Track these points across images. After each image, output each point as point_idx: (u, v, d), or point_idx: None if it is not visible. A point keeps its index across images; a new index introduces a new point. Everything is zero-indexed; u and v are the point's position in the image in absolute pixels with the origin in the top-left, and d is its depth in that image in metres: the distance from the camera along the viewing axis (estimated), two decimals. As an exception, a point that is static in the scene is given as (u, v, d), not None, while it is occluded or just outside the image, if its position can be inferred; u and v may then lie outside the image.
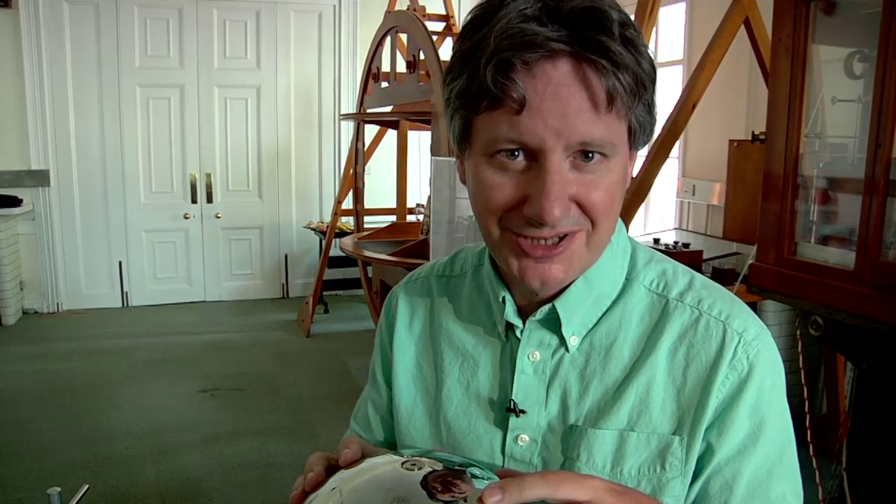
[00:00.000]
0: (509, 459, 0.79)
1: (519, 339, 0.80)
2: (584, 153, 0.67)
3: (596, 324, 0.79)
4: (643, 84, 0.67)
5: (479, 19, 0.67)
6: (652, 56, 0.69)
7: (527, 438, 0.78)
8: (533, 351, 0.79)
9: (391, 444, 0.94)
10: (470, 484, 0.58)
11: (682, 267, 0.82)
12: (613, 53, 0.63)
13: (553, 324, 0.78)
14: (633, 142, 0.71)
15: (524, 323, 0.79)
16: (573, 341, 0.78)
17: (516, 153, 0.67)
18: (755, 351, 0.75)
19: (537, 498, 0.56)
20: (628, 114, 0.68)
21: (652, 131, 0.73)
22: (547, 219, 0.66)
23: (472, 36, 0.67)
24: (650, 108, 0.70)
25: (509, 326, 0.81)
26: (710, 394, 0.73)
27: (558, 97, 0.64)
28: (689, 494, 0.75)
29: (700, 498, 0.74)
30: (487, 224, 0.72)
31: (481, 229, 0.75)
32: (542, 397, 0.78)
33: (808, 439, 2.24)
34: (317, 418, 3.95)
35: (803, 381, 2.35)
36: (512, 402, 0.79)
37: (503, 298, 0.80)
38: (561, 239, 0.70)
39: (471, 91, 0.67)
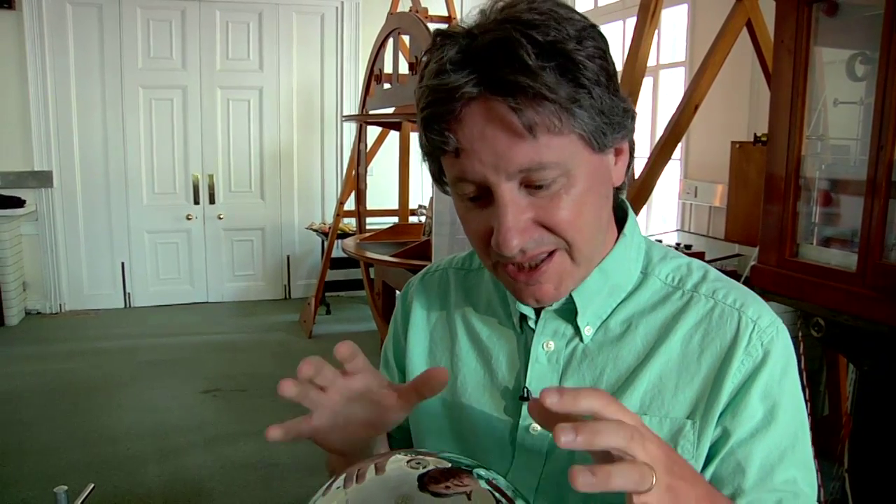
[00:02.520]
0: (521, 448, 0.80)
1: (533, 330, 0.81)
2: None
3: (610, 314, 0.80)
4: (573, 98, 0.65)
5: (423, 64, 0.72)
6: (601, 53, 0.67)
7: (539, 427, 0.79)
8: (547, 340, 0.81)
9: (400, 431, 0.95)
10: (474, 480, 0.58)
11: (696, 262, 0.84)
12: (523, 87, 0.63)
13: (568, 314, 0.80)
14: (595, 144, 0.70)
15: (537, 315, 0.81)
16: (588, 331, 0.80)
17: (477, 196, 0.71)
18: (769, 338, 0.76)
19: (590, 410, 0.54)
20: (566, 129, 0.67)
21: (619, 124, 0.71)
22: (505, 251, 0.69)
23: (418, 87, 0.72)
24: (601, 109, 0.68)
25: (524, 317, 0.82)
26: (725, 380, 0.75)
27: (485, 136, 0.67)
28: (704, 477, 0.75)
29: (713, 480, 0.75)
30: (480, 254, 0.77)
31: (478, 256, 0.79)
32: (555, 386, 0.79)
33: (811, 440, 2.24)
34: (319, 419, 3.94)
35: (805, 382, 2.35)
36: (525, 391, 0.80)
37: None
38: (542, 261, 0.72)
39: (424, 142, 0.72)
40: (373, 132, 5.56)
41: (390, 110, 4.95)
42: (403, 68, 4.28)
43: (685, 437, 0.75)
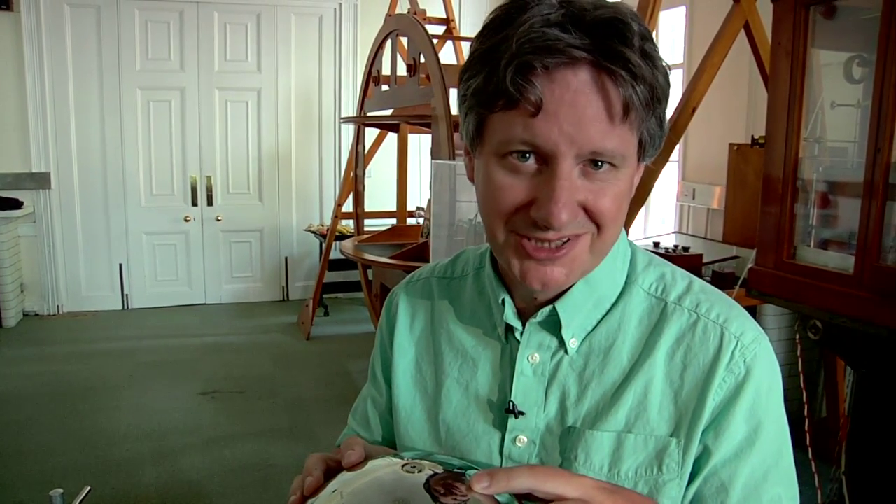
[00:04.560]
0: (507, 460, 0.79)
1: (518, 341, 0.80)
2: (594, 161, 0.68)
3: (595, 326, 0.79)
4: (658, 98, 0.68)
5: (500, 20, 0.68)
6: (668, 70, 0.69)
7: (525, 440, 0.79)
8: (532, 353, 0.80)
9: (390, 443, 0.95)
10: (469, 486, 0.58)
11: (680, 271, 0.83)
12: (633, 65, 0.64)
13: (553, 326, 0.79)
14: (642, 153, 0.72)
15: (523, 325, 0.80)
16: (572, 344, 0.79)
17: (527, 155, 0.68)
18: (752, 355, 0.75)
19: (524, 489, 0.57)
20: (641, 126, 0.68)
21: (661, 144, 0.73)
22: (554, 223, 0.67)
23: (492, 36, 0.68)
24: (661, 121, 0.71)
25: (509, 328, 0.81)
26: (707, 396, 0.74)
27: (575, 104, 0.64)
28: (686, 496, 0.75)
29: (696, 500, 0.75)
30: (493, 225, 0.72)
31: (486, 230, 0.75)
32: (540, 399, 0.79)
33: (808, 443, 2.24)
34: (317, 421, 3.95)
35: (802, 384, 2.35)
36: (511, 404, 0.79)
37: (503, 300, 0.80)
38: (564, 242, 0.70)
39: (488, 90, 0.68)
40: (371, 134, 5.56)
41: (388, 112, 4.95)
42: (401, 70, 4.28)
43: (670, 455, 0.74)
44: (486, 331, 0.85)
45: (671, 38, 5.02)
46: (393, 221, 5.42)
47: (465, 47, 5.58)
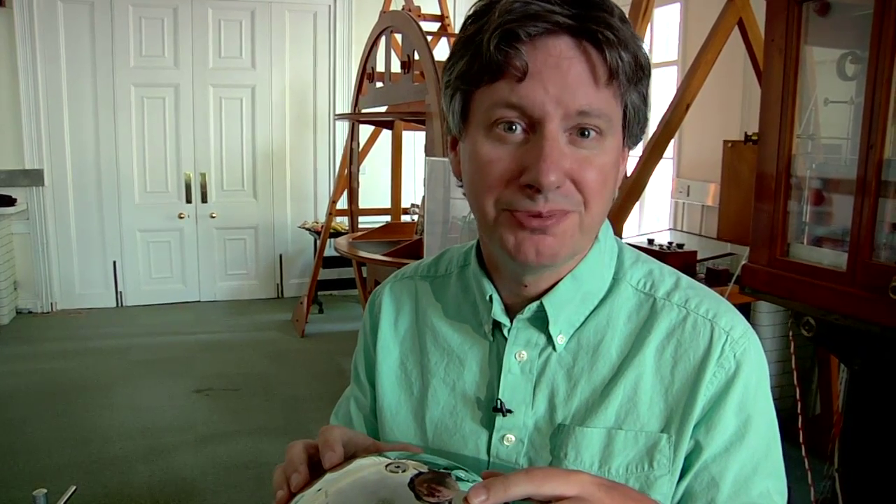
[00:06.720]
0: (495, 459, 0.79)
1: (506, 339, 0.80)
2: (581, 131, 0.68)
3: (583, 323, 0.79)
4: (641, 68, 0.69)
5: (480, 11, 0.69)
6: (647, 54, 0.71)
7: (513, 438, 0.78)
8: (520, 350, 0.79)
9: None
10: (454, 486, 0.58)
11: (668, 268, 0.83)
12: (616, 29, 0.66)
13: (540, 322, 0.78)
14: (627, 130, 0.72)
15: (511, 321, 0.79)
16: (560, 340, 0.78)
17: (514, 127, 0.68)
18: (742, 349, 0.75)
19: (523, 495, 0.56)
20: (625, 96, 0.69)
21: (645, 126, 0.74)
22: (543, 181, 0.66)
23: (475, 22, 0.69)
24: (645, 99, 0.72)
25: (496, 326, 0.81)
26: (699, 392, 0.74)
27: (559, 67, 0.66)
28: (676, 492, 0.75)
29: (687, 495, 0.75)
30: (484, 203, 0.72)
31: (477, 211, 0.74)
32: (528, 397, 0.78)
33: (801, 440, 2.24)
34: (311, 418, 3.94)
35: (796, 381, 2.35)
36: (499, 402, 0.78)
37: (490, 297, 0.80)
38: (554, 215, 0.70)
39: (472, 69, 0.69)
40: (365, 131, 5.55)
41: (383, 109, 4.94)
42: (396, 67, 4.27)
43: (661, 451, 0.74)
44: (472, 328, 0.84)
45: (666, 34, 5.02)
46: (387, 218, 5.42)
47: (460, 44, 5.56)
